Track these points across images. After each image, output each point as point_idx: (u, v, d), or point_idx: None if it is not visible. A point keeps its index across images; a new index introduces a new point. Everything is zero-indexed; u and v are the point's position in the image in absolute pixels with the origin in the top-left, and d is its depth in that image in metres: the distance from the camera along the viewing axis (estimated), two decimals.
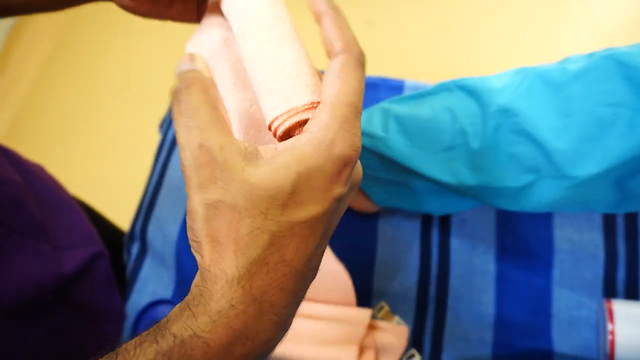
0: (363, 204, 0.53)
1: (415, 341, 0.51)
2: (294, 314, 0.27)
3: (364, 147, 0.47)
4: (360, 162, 0.48)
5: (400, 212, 0.55)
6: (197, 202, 0.24)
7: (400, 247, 0.54)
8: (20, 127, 1.65)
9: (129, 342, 0.24)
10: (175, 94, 0.27)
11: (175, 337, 0.23)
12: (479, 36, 1.55)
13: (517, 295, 0.51)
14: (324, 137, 0.24)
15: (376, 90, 0.62)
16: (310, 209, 0.24)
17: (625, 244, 0.51)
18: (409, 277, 0.53)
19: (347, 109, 0.25)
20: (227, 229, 0.24)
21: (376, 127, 0.47)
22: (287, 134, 0.27)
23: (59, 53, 1.77)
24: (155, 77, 1.55)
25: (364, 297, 0.52)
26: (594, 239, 0.51)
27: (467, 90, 0.44)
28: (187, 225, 0.25)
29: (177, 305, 0.25)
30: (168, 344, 0.23)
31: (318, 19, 0.28)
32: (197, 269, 0.25)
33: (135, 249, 0.60)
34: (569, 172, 0.38)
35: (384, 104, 0.49)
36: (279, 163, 0.24)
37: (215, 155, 0.24)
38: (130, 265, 0.60)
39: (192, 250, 0.25)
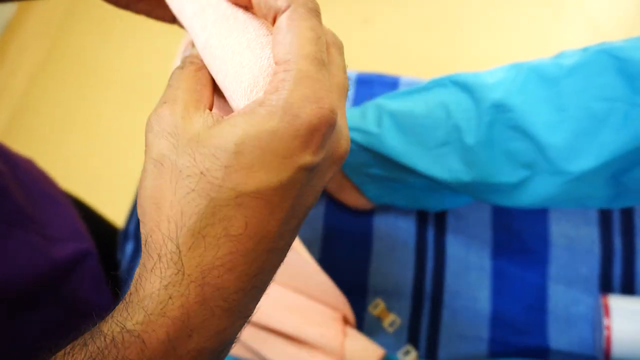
0: (358, 201, 0.52)
1: (411, 338, 0.51)
2: (255, 300, 0.23)
3: (357, 143, 0.47)
4: (354, 158, 0.48)
5: (395, 209, 0.54)
6: (148, 158, 0.23)
7: (395, 243, 0.54)
8: (17, 124, 1.64)
9: (59, 351, 0.21)
10: (172, 73, 0.26)
11: (105, 336, 0.20)
12: (475, 32, 1.55)
13: (513, 292, 0.51)
14: (279, 97, 0.21)
15: (371, 86, 0.61)
16: (262, 177, 0.21)
17: (621, 239, 0.51)
18: (405, 274, 0.53)
19: (304, 61, 0.22)
20: (167, 190, 0.21)
21: (370, 123, 0.46)
22: None
23: (55, 50, 1.76)
24: (151, 74, 1.54)
25: (360, 294, 0.52)
26: (590, 234, 0.51)
27: (461, 85, 0.43)
28: (139, 187, 0.23)
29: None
30: (98, 346, 0.20)
31: (248, 2, 0.25)
32: None
33: (129, 247, 0.60)
34: (564, 168, 0.38)
35: (378, 100, 0.48)
36: (229, 122, 0.21)
37: (175, 110, 0.23)
38: (124, 264, 0.59)
39: (139, 217, 0.23)
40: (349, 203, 0.53)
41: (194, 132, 0.22)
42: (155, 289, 0.21)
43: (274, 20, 0.24)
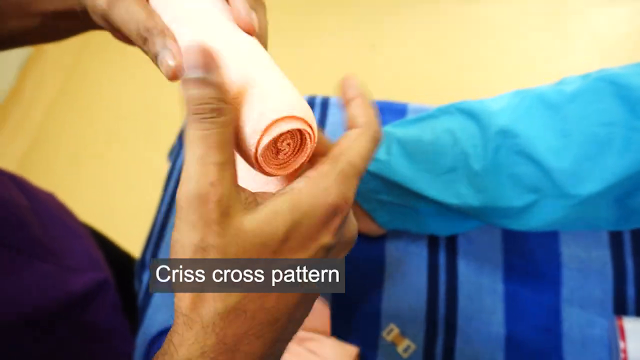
0: (369, 227, 0.53)
1: None
2: None
3: (367, 171, 0.48)
4: (365, 186, 0.49)
5: (407, 234, 0.55)
6: (187, 240, 0.23)
7: (408, 268, 0.54)
8: (34, 157, 1.68)
9: None
10: (201, 114, 0.24)
11: None
12: (481, 57, 1.56)
13: (527, 315, 0.51)
14: (321, 183, 0.25)
15: (380, 113, 0.63)
16: (297, 256, 0.24)
17: (633, 259, 0.51)
18: (418, 298, 0.53)
19: (349, 166, 0.26)
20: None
21: (379, 151, 0.47)
22: (273, 146, 0.26)
23: (70, 85, 1.81)
24: (164, 106, 1.57)
25: (373, 320, 0.53)
26: (602, 256, 0.51)
27: (467, 113, 0.45)
28: None
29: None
30: None
31: (348, 102, 0.30)
32: None
33: (146, 277, 0.61)
34: (569, 191, 0.39)
35: (387, 128, 0.50)
36: (276, 208, 0.24)
37: (221, 199, 0.23)
38: (141, 293, 0.60)
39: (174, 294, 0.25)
40: (360, 229, 0.54)
41: (240, 222, 0.24)
42: (192, 355, 0.23)
43: (350, 127, 0.29)
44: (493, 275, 0.52)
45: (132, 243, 0.78)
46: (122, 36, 0.39)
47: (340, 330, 0.52)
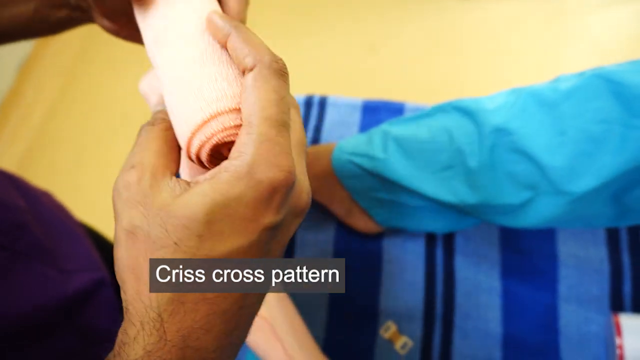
0: (367, 225, 0.53)
1: None
2: (233, 354, 0.24)
3: (364, 169, 0.48)
4: (362, 183, 0.49)
5: (404, 232, 0.55)
6: (119, 227, 0.23)
7: (405, 266, 0.54)
8: (33, 157, 1.68)
9: None
10: (141, 128, 0.27)
11: None
12: (480, 59, 1.57)
13: (524, 312, 0.51)
14: (242, 162, 0.22)
15: (377, 112, 0.63)
16: (232, 241, 0.22)
17: (630, 257, 0.51)
18: (415, 296, 0.53)
19: (265, 124, 0.23)
20: (143, 260, 0.22)
21: (376, 149, 0.48)
22: (216, 151, 0.26)
23: (69, 85, 1.81)
24: None
25: (371, 317, 0.53)
26: (599, 253, 0.52)
27: (463, 111, 0.45)
28: (114, 257, 0.24)
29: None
30: None
31: (225, 44, 0.26)
32: None
33: None
34: (565, 188, 0.39)
35: (384, 126, 0.50)
36: (195, 191, 0.22)
37: (143, 178, 0.23)
38: None
39: (120, 285, 0.24)
40: (358, 227, 0.54)
41: (162, 201, 0.22)
42: (138, 356, 0.22)
43: (244, 72, 0.25)
44: (490, 272, 0.53)
45: None
46: (113, 27, 0.38)
47: (337, 327, 0.53)
